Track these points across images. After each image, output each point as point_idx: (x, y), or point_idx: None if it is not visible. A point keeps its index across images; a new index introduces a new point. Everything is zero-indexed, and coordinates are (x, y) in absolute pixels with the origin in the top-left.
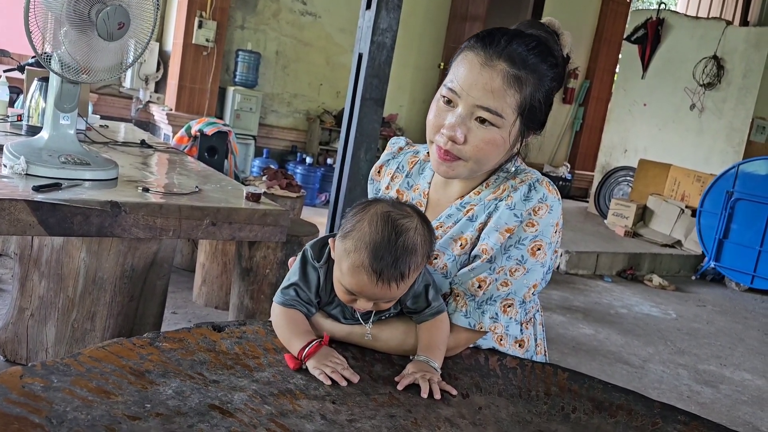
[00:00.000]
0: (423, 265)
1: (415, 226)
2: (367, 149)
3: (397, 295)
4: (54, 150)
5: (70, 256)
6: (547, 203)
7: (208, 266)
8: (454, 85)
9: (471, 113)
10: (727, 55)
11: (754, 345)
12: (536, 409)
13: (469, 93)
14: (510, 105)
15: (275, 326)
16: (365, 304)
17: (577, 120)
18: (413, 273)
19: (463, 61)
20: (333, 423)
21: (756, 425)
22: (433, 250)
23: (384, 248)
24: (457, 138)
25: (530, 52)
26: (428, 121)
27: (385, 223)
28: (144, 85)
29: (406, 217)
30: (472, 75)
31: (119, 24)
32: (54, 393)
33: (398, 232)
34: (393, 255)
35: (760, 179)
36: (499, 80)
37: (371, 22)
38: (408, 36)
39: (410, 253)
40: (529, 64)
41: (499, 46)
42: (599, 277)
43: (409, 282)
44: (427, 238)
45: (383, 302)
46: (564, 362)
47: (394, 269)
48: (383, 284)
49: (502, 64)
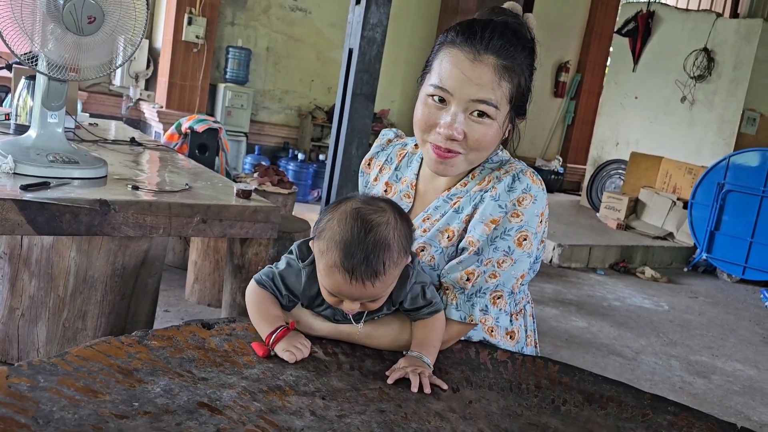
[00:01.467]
0: (402, 260)
1: (387, 220)
2: (359, 145)
3: (379, 293)
4: (42, 149)
5: (60, 255)
6: (531, 193)
7: (200, 264)
8: (444, 83)
9: (466, 108)
10: (717, 47)
11: (746, 335)
12: (527, 402)
13: (462, 90)
14: (504, 95)
15: (248, 303)
16: (351, 305)
17: (569, 114)
18: (390, 270)
19: (448, 59)
20: (322, 419)
21: (747, 415)
22: (412, 244)
23: (354, 245)
24: (457, 136)
25: (511, 40)
26: (417, 120)
27: (354, 220)
28: (134, 82)
29: (377, 213)
30: (463, 72)
31: (89, 18)
32: (40, 393)
33: (368, 228)
34: (363, 251)
35: (751, 171)
36: (491, 73)
37: (361, 17)
38: (399, 31)
39: (382, 249)
40: (513, 53)
41: (483, 39)
42: (592, 270)
43: (388, 279)
44: (402, 232)
45: (368, 302)
46: (557, 355)
47: (367, 266)
48: (357, 282)
49: (490, 56)
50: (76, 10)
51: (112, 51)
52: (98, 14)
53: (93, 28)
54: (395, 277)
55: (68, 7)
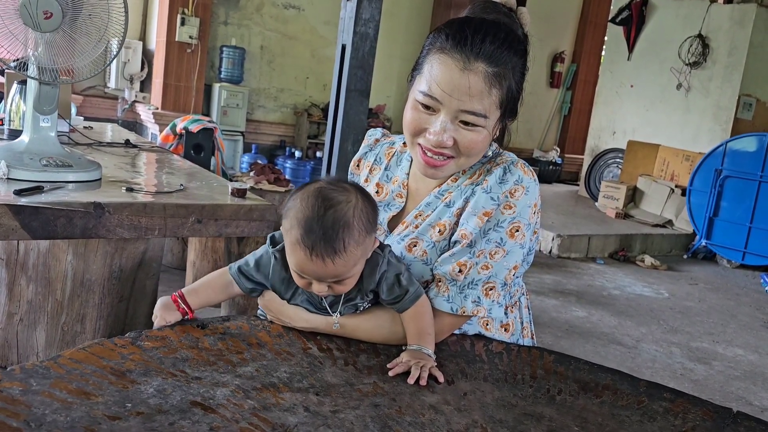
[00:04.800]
0: (365, 241)
1: (348, 199)
2: (354, 141)
3: (341, 272)
4: (35, 153)
5: (57, 259)
6: (523, 185)
7: (198, 264)
8: (433, 91)
9: (455, 117)
10: (711, 33)
11: (746, 321)
12: (522, 392)
13: (452, 99)
14: (494, 103)
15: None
16: (319, 287)
17: (565, 104)
18: (351, 248)
19: (437, 65)
20: (316, 414)
21: (749, 400)
22: (376, 225)
23: (314, 221)
24: (445, 143)
25: (503, 44)
26: (406, 124)
27: (315, 198)
28: (129, 84)
29: (339, 192)
30: (452, 81)
31: (45, 13)
32: (33, 396)
33: (327, 206)
34: (322, 228)
35: (748, 156)
36: (481, 82)
37: (353, 13)
38: (393, 26)
39: (342, 227)
40: (505, 58)
41: (474, 45)
42: (591, 260)
43: (350, 258)
44: (364, 212)
45: (335, 284)
46: (557, 345)
47: (326, 243)
48: (318, 259)
49: (481, 64)
50: (30, 4)
51: (98, 52)
52: (54, 9)
53: (51, 24)
54: (358, 258)
55: (23, 2)
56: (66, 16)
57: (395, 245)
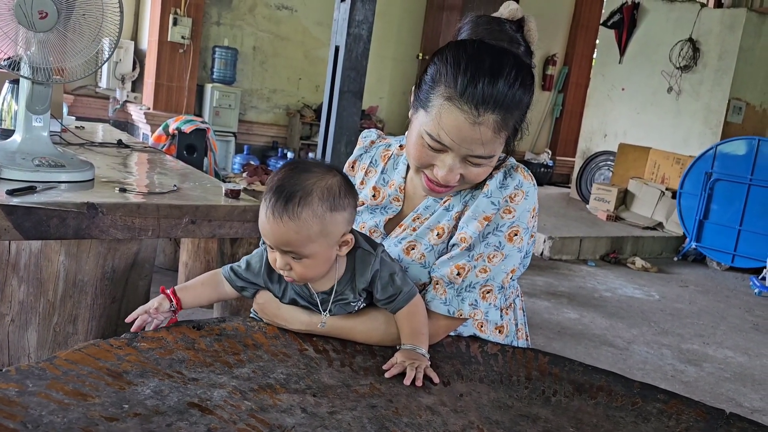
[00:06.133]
0: (323, 216)
1: (322, 176)
2: (347, 142)
3: (295, 241)
4: (27, 153)
5: (49, 260)
6: (523, 189)
7: (191, 265)
8: (442, 138)
9: (463, 158)
10: (702, 37)
11: (736, 323)
12: (517, 393)
13: (461, 147)
14: (502, 142)
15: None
16: (280, 260)
17: (557, 106)
18: (305, 215)
19: (445, 115)
20: (314, 416)
21: (739, 401)
22: (346, 211)
23: (283, 184)
24: (452, 183)
25: (512, 86)
26: (412, 154)
27: (294, 168)
28: (120, 84)
29: (318, 167)
30: (461, 132)
31: (40, 13)
32: (29, 397)
33: (299, 174)
34: (286, 189)
35: (738, 159)
36: (490, 132)
37: (347, 14)
38: (386, 27)
39: (304, 193)
40: (514, 100)
41: (484, 94)
42: (583, 262)
43: (302, 226)
44: (332, 191)
45: (293, 260)
46: (549, 347)
47: (284, 203)
48: (275, 219)
49: (490, 115)
50: (25, 4)
51: (92, 52)
52: (50, 9)
53: (46, 23)
54: (313, 232)
55: (18, 1)
56: (61, 15)
57: (392, 248)
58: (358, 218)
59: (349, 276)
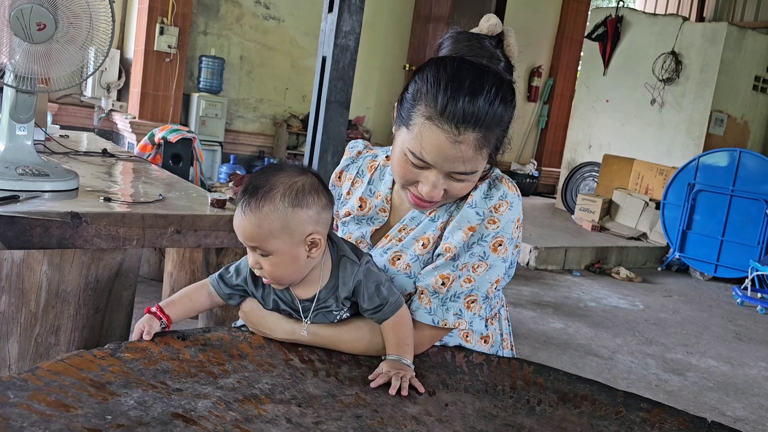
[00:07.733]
0: (284, 212)
1: (293, 176)
2: (334, 152)
3: (256, 236)
4: (11, 162)
5: (32, 270)
6: (508, 200)
7: (176, 275)
8: (424, 156)
9: (447, 174)
10: (684, 50)
11: (719, 332)
12: (502, 403)
13: (444, 165)
14: (484, 158)
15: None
16: (250, 258)
17: (542, 118)
18: (266, 209)
19: (427, 134)
20: (299, 426)
21: (722, 410)
22: (305, 206)
23: (253, 180)
24: (437, 198)
25: (492, 104)
26: (396, 171)
27: (268, 167)
28: (106, 93)
29: (292, 168)
30: (443, 151)
31: (38, 24)
32: (10, 409)
33: (272, 170)
34: (254, 185)
35: (720, 170)
36: (471, 150)
37: (334, 25)
38: (373, 38)
39: (268, 188)
40: (494, 117)
41: (465, 113)
42: (568, 272)
43: (263, 220)
44: (299, 191)
45: (261, 257)
46: (535, 357)
47: (249, 196)
48: (242, 212)
49: (471, 134)
50: (24, 16)
51: (81, 61)
52: (48, 21)
53: (44, 35)
54: (273, 227)
55: (15, 13)
56: (59, 26)
57: (378, 258)
58: (345, 228)
59: (332, 284)
